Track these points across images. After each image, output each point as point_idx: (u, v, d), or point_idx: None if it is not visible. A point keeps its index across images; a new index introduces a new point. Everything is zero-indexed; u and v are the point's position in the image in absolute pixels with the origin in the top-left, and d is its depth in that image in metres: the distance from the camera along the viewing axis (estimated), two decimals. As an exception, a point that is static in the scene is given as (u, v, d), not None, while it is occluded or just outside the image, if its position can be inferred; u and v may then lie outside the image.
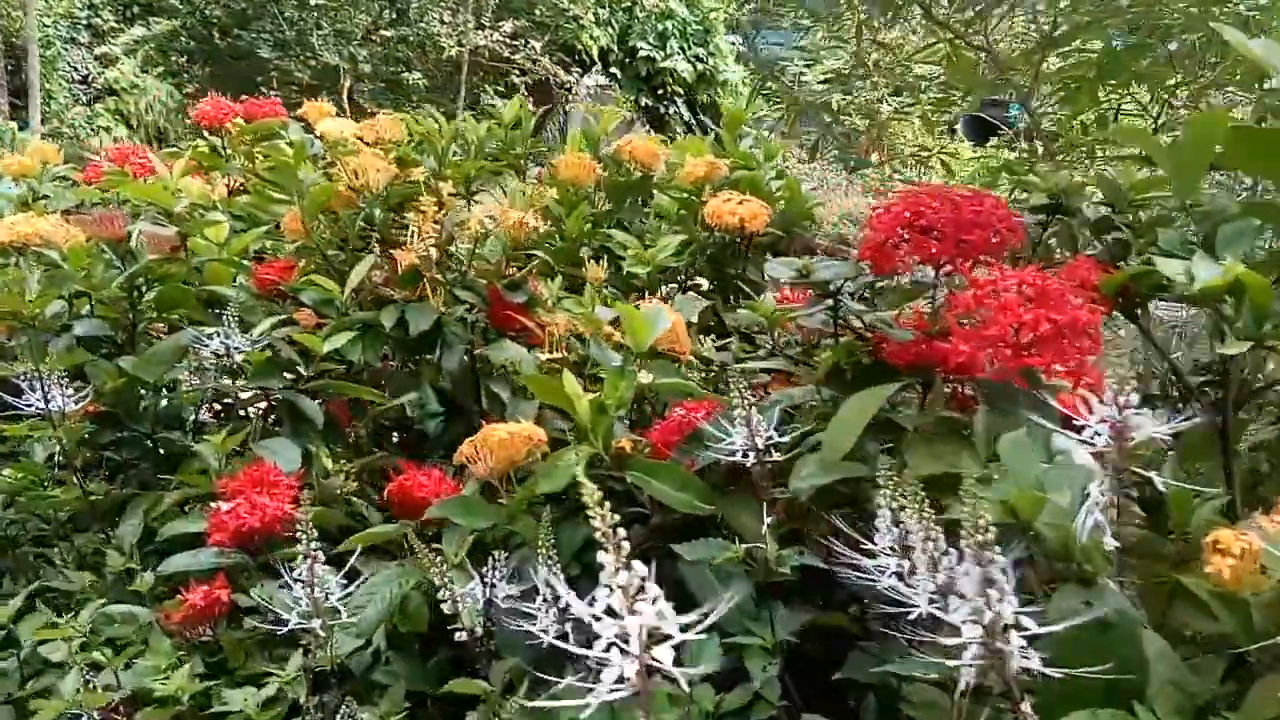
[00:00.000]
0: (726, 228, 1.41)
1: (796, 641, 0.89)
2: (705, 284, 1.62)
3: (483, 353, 1.18)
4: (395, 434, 1.56)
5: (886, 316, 0.92)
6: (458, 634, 0.85)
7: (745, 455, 0.84)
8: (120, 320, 1.48)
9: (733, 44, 6.82)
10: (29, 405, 1.19)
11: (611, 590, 0.48)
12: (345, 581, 0.90)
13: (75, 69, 6.31)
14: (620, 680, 0.47)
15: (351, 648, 0.97)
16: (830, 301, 0.95)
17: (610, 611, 0.48)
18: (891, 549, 0.70)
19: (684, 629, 0.48)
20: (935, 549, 0.63)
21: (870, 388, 0.87)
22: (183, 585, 1.07)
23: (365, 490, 1.33)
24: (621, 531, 0.48)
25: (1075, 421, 0.65)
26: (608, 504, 0.51)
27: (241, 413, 1.48)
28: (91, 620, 0.96)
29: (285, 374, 1.34)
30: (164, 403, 1.46)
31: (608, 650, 0.48)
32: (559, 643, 0.60)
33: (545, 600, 0.83)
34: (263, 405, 1.48)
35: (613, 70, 6.48)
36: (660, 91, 6.48)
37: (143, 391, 1.43)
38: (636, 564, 0.48)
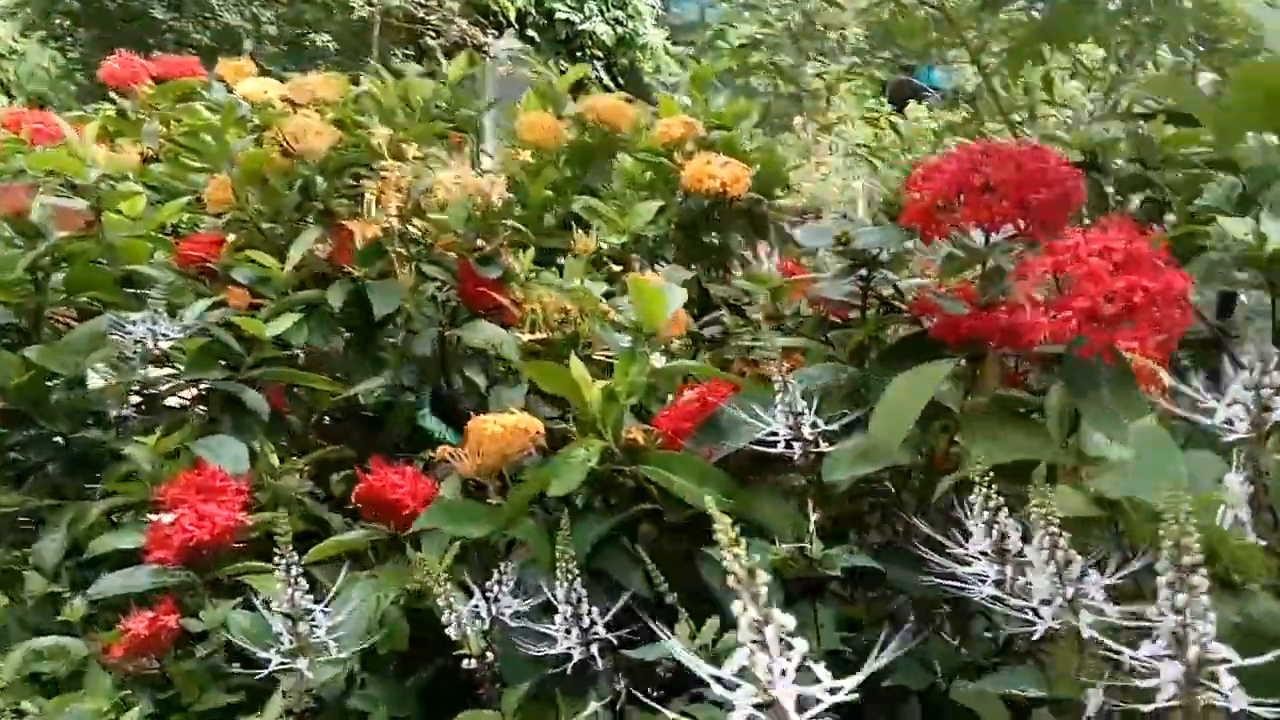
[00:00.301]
0: (707, 192, 1.30)
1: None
2: (671, 254, 1.51)
3: (456, 335, 1.06)
4: (332, 422, 1.42)
5: (926, 287, 0.84)
6: (465, 661, 0.74)
7: (789, 445, 0.74)
8: (24, 306, 1.31)
9: (652, 6, 6.67)
10: (-78, 406, 1.03)
11: (751, 650, 0.37)
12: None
13: (-54, 33, 5.84)
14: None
15: (328, 676, 0.85)
16: (864, 271, 0.86)
17: (745, 674, 0.38)
18: (985, 552, 0.61)
19: (833, 691, 0.38)
20: (1059, 557, 0.54)
21: (916, 366, 0.78)
22: (120, 609, 0.93)
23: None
24: (762, 575, 0.38)
25: (1201, 404, 0.56)
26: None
27: (166, 405, 1.33)
28: (21, 661, 0.82)
29: (223, 362, 1.19)
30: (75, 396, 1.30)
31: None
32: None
33: (566, 618, 0.72)
34: (189, 396, 1.33)
35: (529, 33, 6.27)
36: (579, 55, 6.30)
37: (53, 385, 1.26)
38: (778, 615, 0.38)
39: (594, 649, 0.72)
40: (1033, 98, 2.67)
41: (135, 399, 1.37)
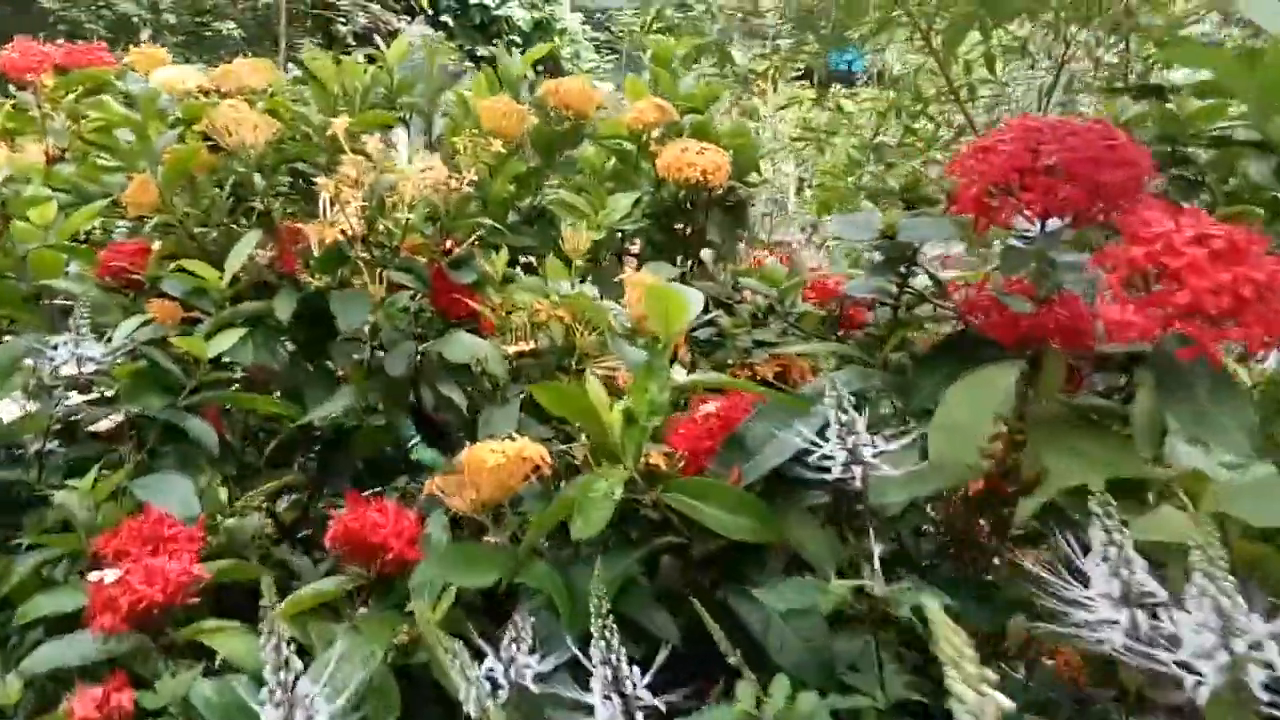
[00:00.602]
0: (685, 182, 1.20)
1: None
2: (639, 249, 1.41)
3: (435, 350, 0.94)
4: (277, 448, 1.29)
5: (974, 281, 0.75)
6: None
7: (846, 469, 0.66)
8: (-79, 330, 1.15)
9: (569, -10, 6.53)
10: None
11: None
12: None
13: None
14: None
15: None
16: (903, 267, 0.78)
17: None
18: (1106, 595, 0.53)
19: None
20: (1222, 604, 0.46)
21: (964, 370, 0.70)
22: (64, 682, 0.81)
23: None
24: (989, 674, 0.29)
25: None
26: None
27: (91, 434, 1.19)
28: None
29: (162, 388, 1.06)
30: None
31: None
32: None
33: (605, 682, 0.63)
34: (104, 426, 1.18)
35: (443, 18, 6.07)
36: (495, 41, 6.13)
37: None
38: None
39: (640, 717, 0.62)
40: (971, 77, 2.63)
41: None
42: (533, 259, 1.30)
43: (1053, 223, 0.71)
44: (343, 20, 5.58)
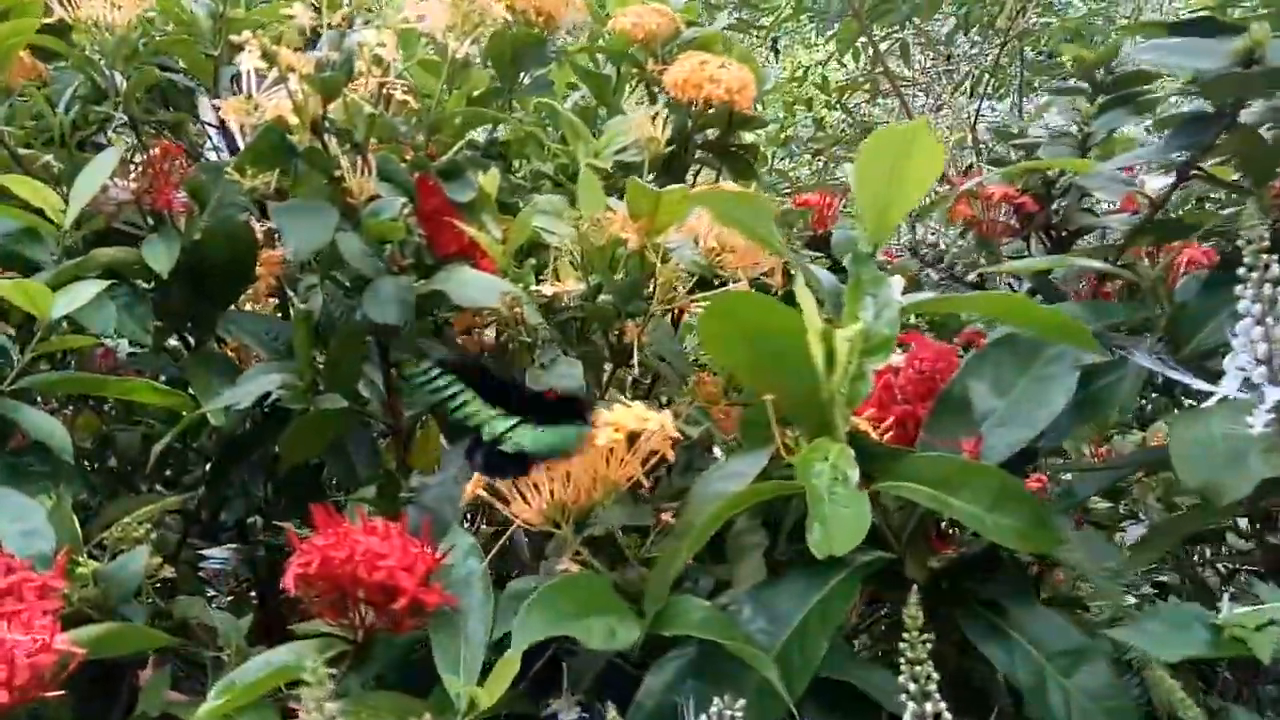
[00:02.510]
0: (705, 103, 0.94)
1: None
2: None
3: (428, 288, 0.62)
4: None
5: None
6: None
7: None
8: None
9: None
10: None
11: None
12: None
13: None
14: None
15: None
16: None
17: None
18: None
19: None
20: None
21: None
22: None
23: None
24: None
25: None
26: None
27: None
28: None
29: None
30: None
31: None
32: None
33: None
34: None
35: None
36: None
37: None
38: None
39: None
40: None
41: None
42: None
43: None
44: None
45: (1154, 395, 0.83)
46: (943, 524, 0.53)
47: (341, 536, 0.53)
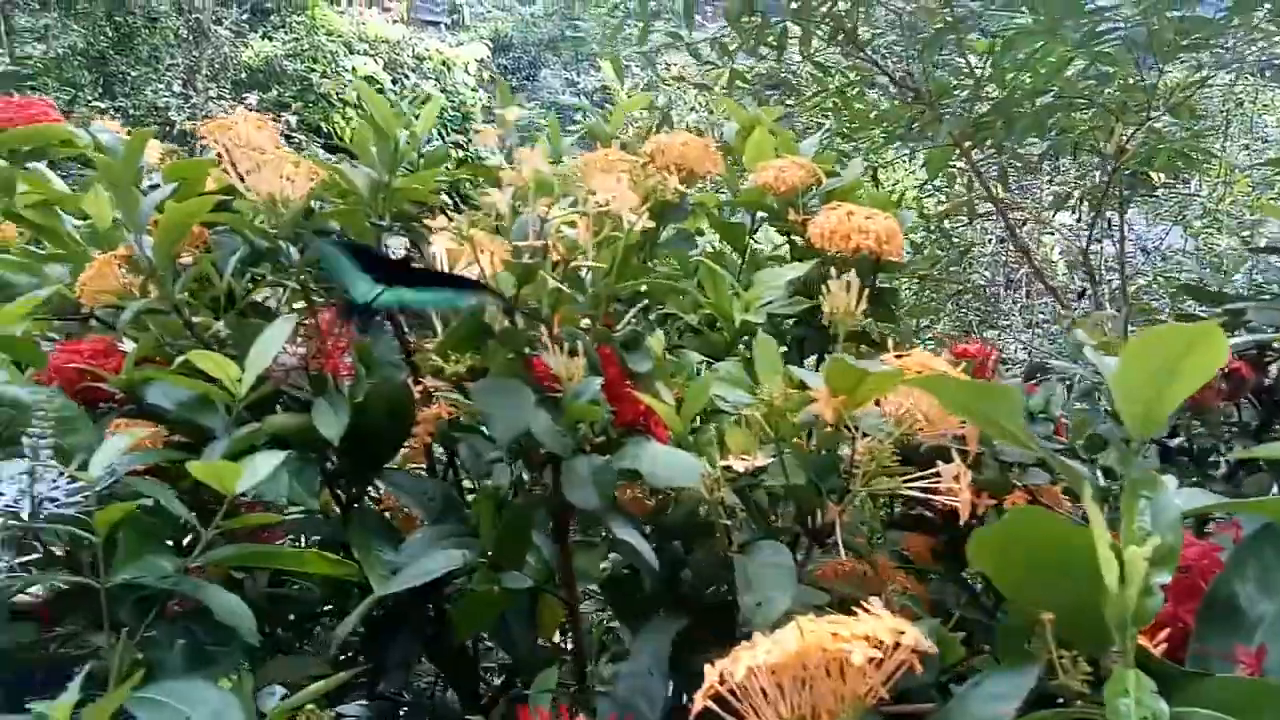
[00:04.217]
0: (852, 253, 0.94)
1: None
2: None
3: (621, 466, 0.60)
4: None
5: None
6: None
7: None
8: None
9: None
10: None
11: None
12: None
13: None
14: None
15: None
16: None
17: None
18: None
19: None
20: None
21: None
22: None
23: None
24: None
25: None
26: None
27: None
28: None
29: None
30: None
31: None
32: None
33: None
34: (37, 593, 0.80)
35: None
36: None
37: None
38: None
39: None
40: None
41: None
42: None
43: None
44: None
45: None
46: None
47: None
